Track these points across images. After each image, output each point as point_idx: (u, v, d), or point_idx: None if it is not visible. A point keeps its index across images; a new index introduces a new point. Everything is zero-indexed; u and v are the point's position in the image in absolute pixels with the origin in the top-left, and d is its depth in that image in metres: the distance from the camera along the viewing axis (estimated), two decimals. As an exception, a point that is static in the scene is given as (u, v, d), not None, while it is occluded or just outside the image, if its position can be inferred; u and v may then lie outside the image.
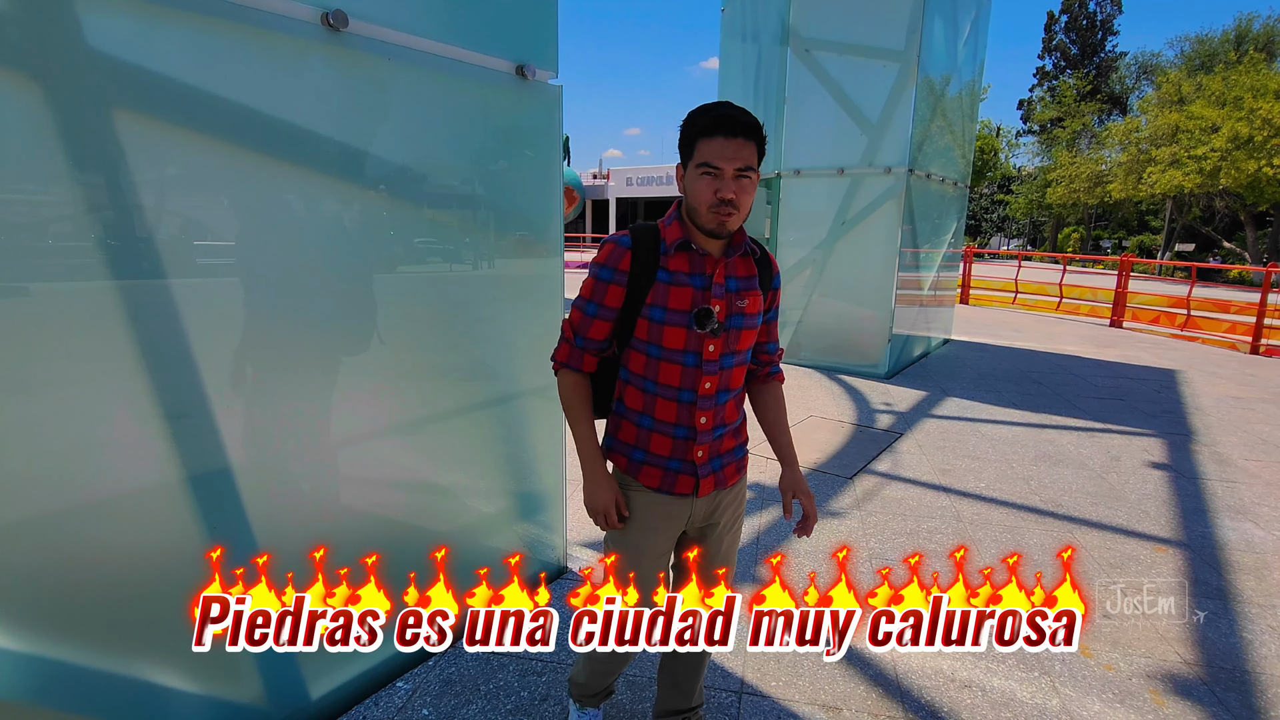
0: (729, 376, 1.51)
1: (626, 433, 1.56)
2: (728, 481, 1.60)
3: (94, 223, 1.44)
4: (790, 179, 7.15)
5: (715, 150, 1.33)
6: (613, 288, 1.46)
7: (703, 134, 1.35)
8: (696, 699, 1.83)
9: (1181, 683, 2.30)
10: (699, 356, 1.45)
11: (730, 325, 1.46)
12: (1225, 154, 23.37)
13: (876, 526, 3.43)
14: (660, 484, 1.54)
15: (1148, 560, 3.15)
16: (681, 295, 1.43)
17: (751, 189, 1.38)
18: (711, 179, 1.35)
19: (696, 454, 1.52)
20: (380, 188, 2.00)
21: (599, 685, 1.86)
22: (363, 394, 2.03)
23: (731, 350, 1.49)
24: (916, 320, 7.68)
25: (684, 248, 1.44)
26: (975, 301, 14.12)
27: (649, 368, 1.49)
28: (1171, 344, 9.60)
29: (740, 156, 1.33)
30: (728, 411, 1.55)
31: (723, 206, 1.36)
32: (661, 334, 1.44)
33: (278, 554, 1.83)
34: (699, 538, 1.65)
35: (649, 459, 1.53)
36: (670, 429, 1.51)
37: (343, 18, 1.75)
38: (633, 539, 1.58)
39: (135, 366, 1.51)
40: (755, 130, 1.36)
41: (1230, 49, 28.47)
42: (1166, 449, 4.80)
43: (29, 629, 1.45)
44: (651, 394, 1.50)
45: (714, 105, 1.37)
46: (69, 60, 1.36)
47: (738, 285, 1.48)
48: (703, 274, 1.45)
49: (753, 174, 1.37)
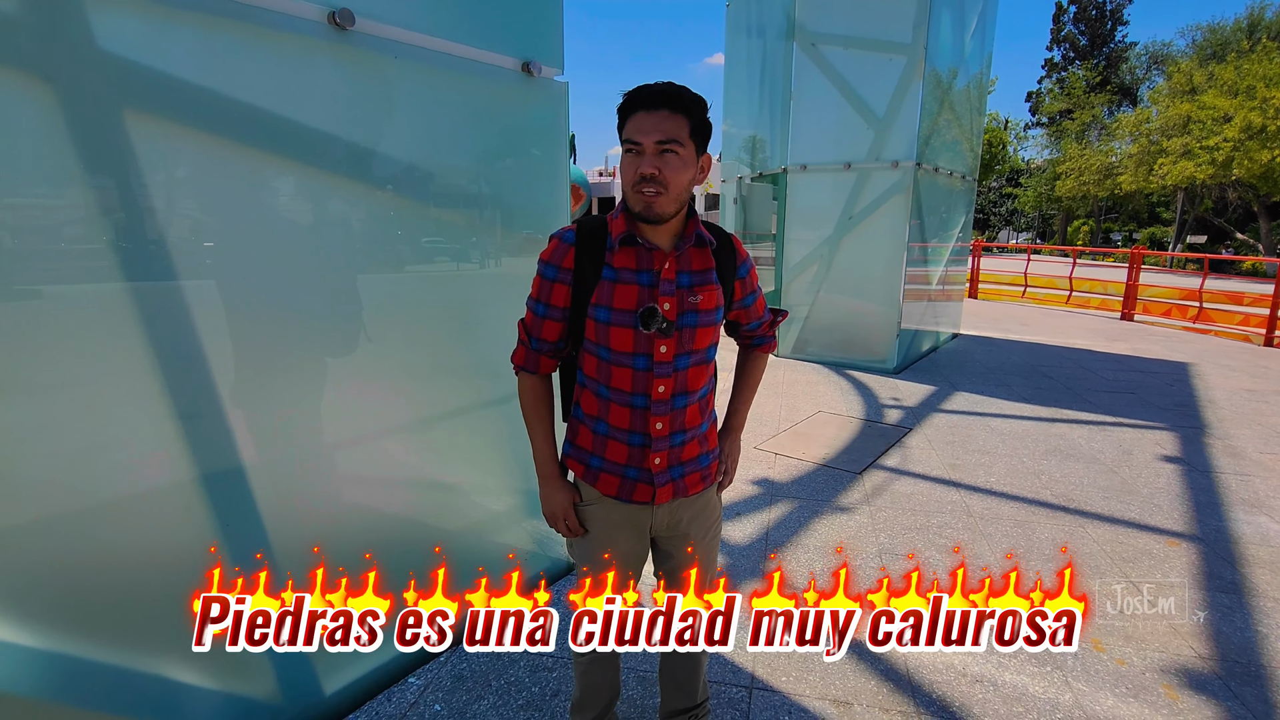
0: (685, 379, 1.41)
1: (583, 438, 1.50)
2: (689, 490, 1.50)
3: (105, 225, 1.45)
4: (796, 174, 7.12)
5: (634, 125, 1.25)
6: (557, 286, 1.39)
7: (625, 112, 1.27)
8: (700, 695, 1.79)
9: (1196, 677, 2.28)
10: (650, 359, 1.37)
11: (683, 324, 1.37)
12: (1238, 144, 23.11)
13: (886, 521, 3.42)
14: (618, 492, 1.46)
15: (1161, 554, 3.12)
16: (627, 294, 1.34)
17: (682, 165, 1.27)
18: (634, 156, 1.26)
19: (653, 461, 1.43)
20: (387, 187, 2.01)
21: (590, 700, 1.77)
22: (371, 393, 2.04)
23: (686, 350, 1.39)
24: (924, 315, 7.64)
25: (629, 242, 1.35)
26: (984, 296, 14.03)
27: (601, 371, 1.41)
28: (1183, 337, 9.51)
29: (661, 129, 1.23)
30: (688, 416, 1.45)
31: (644, 184, 1.25)
32: (609, 335, 1.36)
33: (288, 551, 1.85)
34: (668, 547, 1.58)
35: (606, 466, 1.46)
36: (625, 435, 1.43)
37: (349, 16, 1.75)
38: (593, 548, 1.54)
39: (148, 367, 1.53)
40: (679, 101, 1.24)
41: (1243, 37, 28.14)
42: (1179, 442, 4.76)
43: (50, 627, 1.47)
44: (605, 399, 1.42)
45: (645, 85, 1.27)
46: (79, 62, 1.37)
47: (690, 280, 1.38)
48: (650, 270, 1.35)
49: (680, 149, 1.25)
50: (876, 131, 6.73)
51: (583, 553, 1.57)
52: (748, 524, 3.37)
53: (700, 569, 1.54)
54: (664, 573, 1.62)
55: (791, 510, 3.54)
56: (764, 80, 7.82)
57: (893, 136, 6.63)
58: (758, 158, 8.16)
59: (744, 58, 8.54)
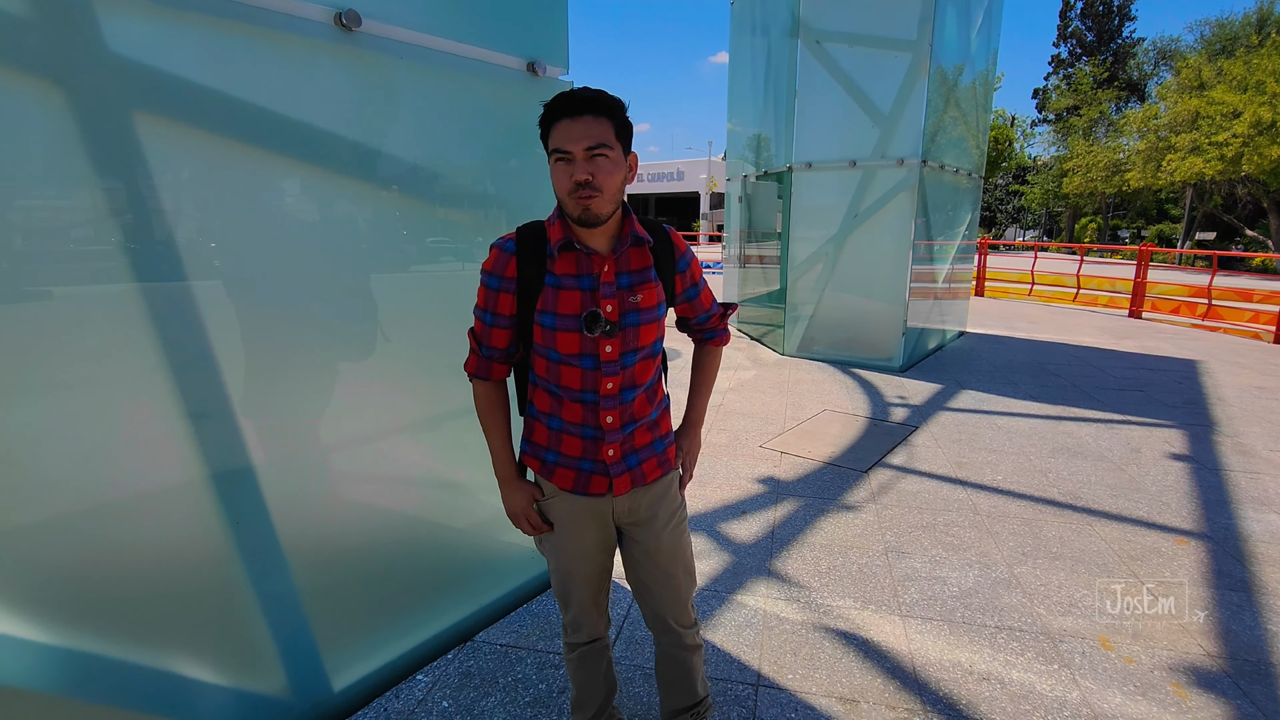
0: (632, 374, 1.45)
1: (539, 435, 1.53)
2: (647, 478, 1.53)
3: (114, 226, 1.47)
4: (802, 172, 7.11)
5: (561, 133, 1.27)
6: (502, 295, 1.42)
7: (549, 121, 1.30)
8: (701, 692, 1.78)
9: (1204, 675, 2.27)
10: (596, 359, 1.40)
11: (626, 324, 1.40)
12: (1247, 140, 22.92)
13: (892, 520, 3.41)
14: (574, 485, 1.50)
15: (1169, 553, 3.11)
16: (570, 299, 1.38)
17: (613, 167, 1.30)
18: (566, 164, 1.29)
19: (607, 453, 1.47)
20: (393, 187, 2.02)
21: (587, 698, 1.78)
22: (378, 392, 2.05)
23: (632, 348, 1.43)
24: (931, 313, 7.62)
25: (568, 248, 1.38)
26: (990, 294, 13.98)
27: (550, 371, 1.45)
28: (1192, 334, 9.45)
29: (589, 134, 1.26)
30: (636, 408, 1.49)
31: (580, 190, 1.28)
32: (555, 340, 1.40)
33: (297, 549, 1.86)
34: (631, 533, 1.60)
35: (561, 460, 1.50)
36: (578, 429, 1.47)
37: (355, 17, 1.76)
38: (558, 542, 1.57)
39: (156, 367, 1.54)
40: (602, 105, 1.28)
41: (1252, 32, 27.89)
42: (1188, 440, 4.73)
43: (63, 624, 1.48)
44: (557, 396, 1.46)
45: (562, 93, 1.30)
46: (88, 65, 1.38)
47: (630, 280, 1.42)
48: (590, 274, 1.38)
49: (610, 151, 1.28)
50: (882, 129, 6.71)
51: (551, 548, 1.61)
52: (753, 522, 3.37)
53: (669, 555, 1.59)
54: (629, 560, 1.64)
55: (797, 509, 3.54)
56: (768, 78, 7.80)
57: (898, 134, 6.61)
58: (762, 156, 8.15)
59: (748, 56, 8.53)
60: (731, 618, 2.56)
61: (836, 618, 2.57)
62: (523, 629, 2.46)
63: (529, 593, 2.65)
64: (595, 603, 1.66)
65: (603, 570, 1.63)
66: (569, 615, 1.68)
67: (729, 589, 2.76)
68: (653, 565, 1.60)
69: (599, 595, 1.66)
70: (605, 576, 1.65)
